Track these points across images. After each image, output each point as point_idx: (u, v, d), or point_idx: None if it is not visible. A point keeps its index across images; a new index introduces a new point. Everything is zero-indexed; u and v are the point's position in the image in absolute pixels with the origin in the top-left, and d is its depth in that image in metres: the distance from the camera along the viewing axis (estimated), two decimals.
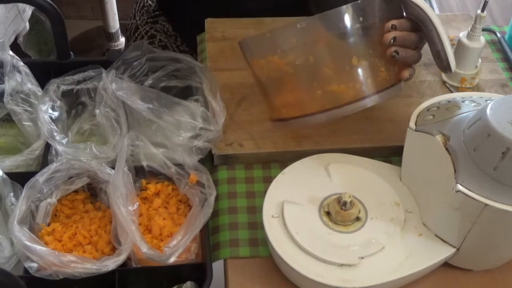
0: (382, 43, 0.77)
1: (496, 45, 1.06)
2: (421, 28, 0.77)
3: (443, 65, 0.78)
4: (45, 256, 0.69)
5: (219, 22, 1.03)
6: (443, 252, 0.71)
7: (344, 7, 0.74)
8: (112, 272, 0.71)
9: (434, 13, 0.76)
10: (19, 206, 0.73)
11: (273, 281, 0.73)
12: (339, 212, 0.71)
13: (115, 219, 0.74)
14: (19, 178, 0.78)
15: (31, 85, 0.89)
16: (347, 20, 0.75)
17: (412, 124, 0.74)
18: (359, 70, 0.76)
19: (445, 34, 0.77)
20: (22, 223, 0.72)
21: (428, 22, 0.76)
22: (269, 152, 0.85)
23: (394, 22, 0.76)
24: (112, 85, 0.85)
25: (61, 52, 0.95)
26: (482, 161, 0.64)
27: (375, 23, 0.77)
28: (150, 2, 1.20)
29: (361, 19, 0.75)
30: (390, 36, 0.76)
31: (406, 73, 0.79)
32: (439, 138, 0.70)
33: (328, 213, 0.73)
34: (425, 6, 0.76)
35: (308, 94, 0.78)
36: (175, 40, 1.18)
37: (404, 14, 0.78)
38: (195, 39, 1.06)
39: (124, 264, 0.73)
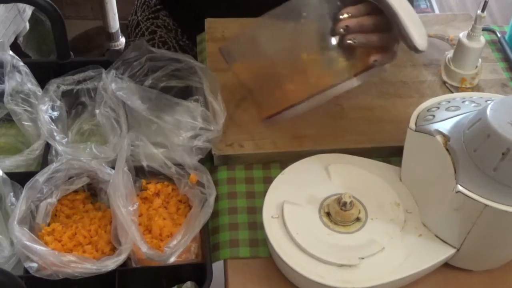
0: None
1: (496, 45, 1.06)
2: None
3: (409, 45, 0.75)
4: (45, 256, 0.69)
5: (219, 22, 1.03)
6: (443, 253, 0.71)
7: None
8: (112, 272, 0.71)
9: None
10: (19, 206, 0.73)
11: (273, 282, 0.73)
12: (339, 213, 0.71)
13: (115, 219, 0.74)
14: (19, 178, 0.78)
15: (31, 85, 0.89)
16: (310, 9, 0.75)
17: (412, 124, 0.74)
18: (330, 58, 0.76)
19: (403, 11, 0.74)
20: (22, 223, 0.72)
21: (382, 2, 0.73)
22: (269, 153, 0.85)
23: (348, 9, 0.74)
24: (112, 85, 0.85)
25: (61, 52, 0.95)
26: (482, 162, 0.64)
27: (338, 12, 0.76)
28: None
29: (326, 7, 0.75)
30: (341, 25, 0.74)
31: (371, 59, 0.76)
32: (439, 138, 0.70)
33: (328, 214, 0.73)
34: None
35: (289, 87, 0.78)
36: (175, 35, 1.18)
37: None
38: (195, 32, 1.06)
39: (124, 264, 0.73)
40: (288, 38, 0.76)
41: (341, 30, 0.74)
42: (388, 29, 0.77)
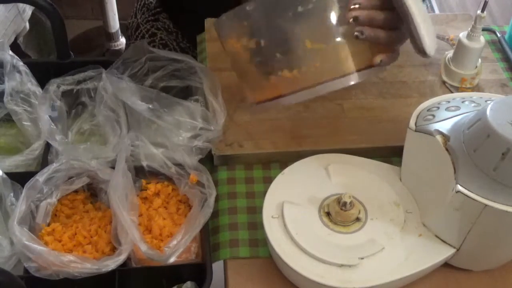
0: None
1: (496, 45, 1.06)
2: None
3: (418, 47, 0.72)
4: (45, 256, 0.69)
5: None
6: (443, 253, 0.71)
7: None
8: (112, 272, 0.71)
9: None
10: (19, 206, 0.73)
11: (273, 282, 0.73)
12: (339, 213, 0.71)
13: (115, 219, 0.74)
14: (19, 178, 0.78)
15: (31, 85, 0.89)
16: None
17: (412, 124, 0.74)
18: (334, 49, 0.72)
19: (418, 12, 0.69)
20: (22, 223, 0.72)
21: (396, 2, 0.69)
22: (269, 153, 0.85)
23: (359, 0, 0.70)
24: (112, 85, 0.85)
25: (61, 52, 0.95)
26: (482, 162, 0.64)
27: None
28: (151, 0, 1.20)
29: None
30: (350, 15, 0.70)
31: (377, 58, 0.73)
32: (439, 138, 0.70)
33: (328, 214, 0.73)
34: None
35: (286, 74, 0.73)
36: (175, 37, 1.18)
37: None
38: (196, 34, 1.06)
39: (124, 264, 0.73)
40: (292, 22, 0.71)
41: (351, 20, 0.70)
42: (397, 27, 0.73)
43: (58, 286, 0.71)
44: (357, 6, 0.71)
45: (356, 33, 0.71)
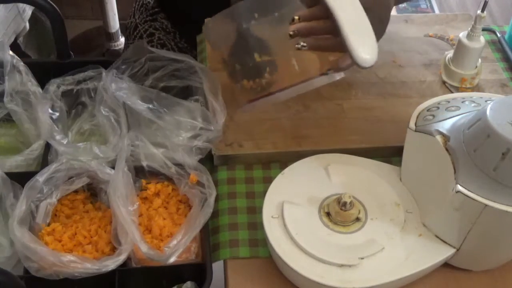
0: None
1: (496, 45, 1.06)
2: None
3: (350, 56, 0.69)
4: (45, 256, 0.69)
5: None
6: (443, 253, 0.71)
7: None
8: (112, 272, 0.71)
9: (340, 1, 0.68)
10: (19, 206, 0.73)
11: (273, 282, 0.73)
12: (339, 213, 0.71)
13: (115, 219, 0.74)
14: (19, 178, 0.78)
15: (31, 85, 0.89)
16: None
17: (412, 124, 0.74)
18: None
19: (347, 16, 0.68)
20: (22, 223, 0.72)
21: (330, 11, 0.68)
22: (269, 153, 0.85)
23: (300, 13, 0.71)
24: (112, 85, 0.85)
25: (61, 52, 0.95)
26: (482, 162, 0.64)
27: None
28: (149, 0, 1.20)
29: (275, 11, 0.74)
30: (290, 29, 0.71)
31: (325, 67, 0.73)
32: (439, 138, 0.70)
33: (328, 214, 0.73)
34: None
35: (274, 74, 0.77)
36: (174, 37, 1.18)
37: None
38: (194, 35, 1.06)
39: (124, 264, 0.73)
40: (275, 28, 0.74)
41: (291, 33, 0.71)
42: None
43: (58, 286, 0.71)
44: (296, 18, 0.71)
45: (297, 46, 0.71)
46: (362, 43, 0.68)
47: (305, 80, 0.76)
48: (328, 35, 0.72)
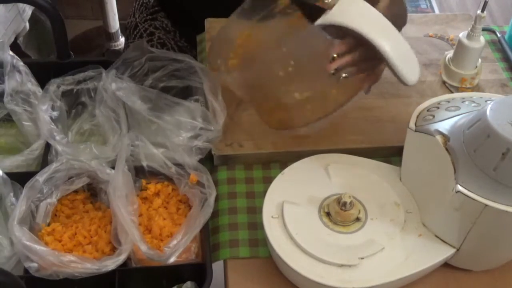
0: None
1: (496, 45, 1.06)
2: None
3: (399, 79, 0.75)
4: (45, 256, 0.69)
5: (219, 22, 1.03)
6: (443, 253, 0.71)
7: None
8: (112, 272, 0.71)
9: (372, 27, 0.72)
10: (19, 206, 0.73)
11: (273, 282, 0.73)
12: (339, 213, 0.71)
13: (115, 219, 0.74)
14: (19, 178, 0.78)
15: (31, 85, 0.89)
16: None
17: (412, 124, 0.74)
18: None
19: (392, 50, 0.72)
20: (22, 223, 0.72)
21: (369, 42, 0.72)
22: (269, 153, 0.85)
23: (336, 49, 0.74)
24: (112, 85, 0.85)
25: (61, 52, 0.95)
26: (482, 162, 0.64)
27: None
28: None
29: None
30: (330, 68, 0.74)
31: (365, 87, 0.79)
32: (439, 138, 0.70)
33: (328, 214, 0.73)
34: (358, 24, 0.72)
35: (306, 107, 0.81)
36: (173, 36, 1.18)
37: None
38: (194, 34, 1.06)
39: (124, 264, 0.73)
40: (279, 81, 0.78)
41: (332, 72, 0.74)
42: (375, 56, 0.75)
43: (58, 286, 0.71)
44: (335, 56, 0.74)
45: (342, 77, 0.75)
46: (409, 68, 0.74)
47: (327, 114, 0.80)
48: (361, 61, 0.76)
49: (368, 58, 0.76)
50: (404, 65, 0.73)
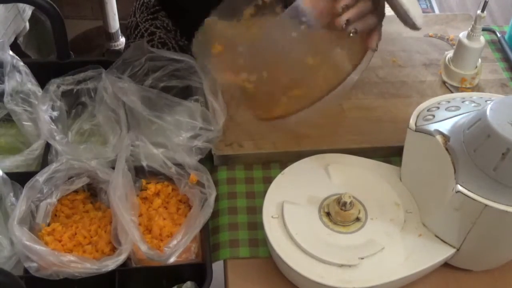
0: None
1: (496, 45, 1.06)
2: None
3: (406, 23, 0.75)
4: (45, 256, 0.69)
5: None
6: (443, 253, 0.71)
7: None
8: (112, 272, 0.71)
9: None
10: (19, 206, 0.73)
11: (273, 282, 0.73)
12: (339, 213, 0.71)
13: (115, 219, 0.74)
14: (19, 178, 0.78)
15: (31, 85, 0.89)
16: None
17: (412, 124, 0.74)
18: (333, 55, 0.77)
19: None
20: (22, 223, 0.72)
21: None
22: (269, 153, 0.85)
23: (344, 2, 0.73)
24: (112, 85, 0.85)
25: (61, 52, 0.95)
26: (482, 162, 0.64)
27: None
28: None
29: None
30: (342, 20, 0.73)
31: (373, 43, 0.77)
32: (439, 138, 0.70)
33: (328, 214, 0.73)
34: None
35: (296, 92, 0.79)
36: (174, 35, 1.18)
37: None
38: (194, 33, 1.06)
39: (124, 264, 0.73)
40: (290, 45, 0.75)
41: (344, 25, 0.73)
42: (376, 7, 0.76)
43: (58, 286, 0.71)
44: (344, 6, 0.73)
45: (351, 33, 0.74)
46: (417, 12, 0.75)
47: (337, 85, 0.77)
48: (369, 14, 0.75)
49: (371, 10, 0.76)
50: (412, 8, 0.75)
